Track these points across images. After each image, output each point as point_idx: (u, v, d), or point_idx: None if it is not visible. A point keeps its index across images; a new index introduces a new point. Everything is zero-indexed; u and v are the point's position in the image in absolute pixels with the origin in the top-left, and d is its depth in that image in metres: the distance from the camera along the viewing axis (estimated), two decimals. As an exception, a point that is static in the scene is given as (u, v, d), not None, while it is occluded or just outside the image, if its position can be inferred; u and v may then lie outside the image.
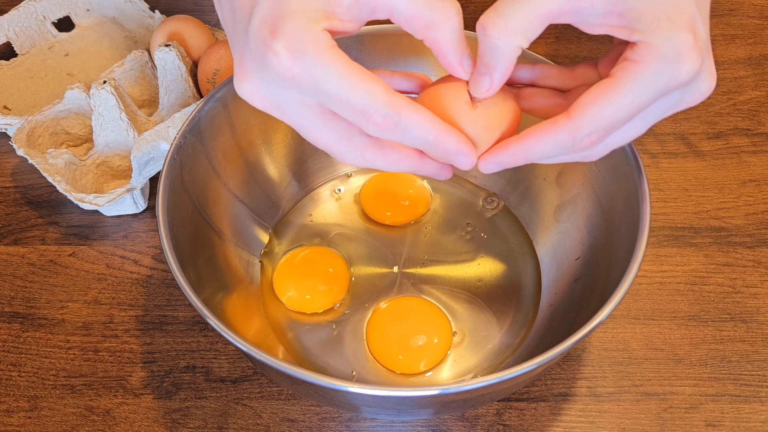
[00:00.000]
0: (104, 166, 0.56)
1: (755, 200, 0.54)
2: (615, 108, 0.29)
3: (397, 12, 0.28)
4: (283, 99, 0.30)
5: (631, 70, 0.28)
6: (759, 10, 0.69)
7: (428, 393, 0.32)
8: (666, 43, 0.28)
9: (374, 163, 0.31)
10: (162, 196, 0.40)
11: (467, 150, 0.30)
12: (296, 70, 0.28)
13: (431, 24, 0.29)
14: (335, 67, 0.28)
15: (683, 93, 0.30)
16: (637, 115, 0.29)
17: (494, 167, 0.32)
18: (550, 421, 0.44)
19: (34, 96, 0.62)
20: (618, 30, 0.29)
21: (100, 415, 0.44)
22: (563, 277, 0.46)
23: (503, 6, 0.28)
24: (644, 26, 0.28)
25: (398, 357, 0.44)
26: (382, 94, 0.28)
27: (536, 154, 0.31)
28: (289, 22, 0.27)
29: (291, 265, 0.49)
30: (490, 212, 0.52)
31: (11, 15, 0.64)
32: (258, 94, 0.30)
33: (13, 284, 0.51)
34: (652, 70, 0.28)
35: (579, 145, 0.30)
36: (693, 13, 0.28)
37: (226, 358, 0.47)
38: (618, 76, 0.29)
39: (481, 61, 0.30)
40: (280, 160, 0.51)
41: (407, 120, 0.29)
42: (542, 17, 0.28)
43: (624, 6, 0.28)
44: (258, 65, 0.29)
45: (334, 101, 0.28)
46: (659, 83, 0.28)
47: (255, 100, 0.30)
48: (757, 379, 0.45)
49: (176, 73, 0.57)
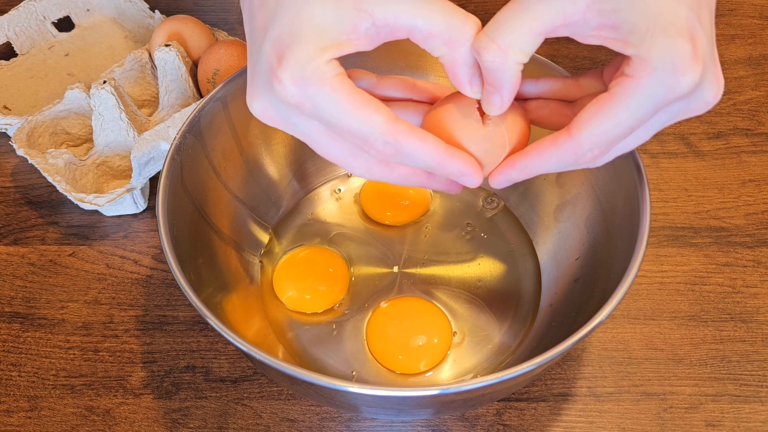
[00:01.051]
0: (104, 166, 0.56)
1: (755, 200, 0.54)
2: (613, 124, 0.29)
3: (416, 31, 0.28)
4: (291, 119, 0.31)
5: (626, 86, 0.28)
6: (759, 10, 0.69)
7: (428, 393, 0.32)
8: (661, 55, 0.27)
9: (382, 177, 0.32)
10: (162, 196, 0.40)
11: (471, 171, 0.31)
12: (299, 98, 0.28)
13: (450, 42, 0.29)
14: (337, 98, 0.28)
15: (687, 103, 0.29)
16: (637, 128, 0.29)
17: (505, 183, 0.33)
18: (550, 421, 0.44)
19: (34, 96, 0.62)
20: (612, 42, 0.28)
21: (100, 415, 0.44)
22: (563, 277, 0.46)
23: (492, 29, 0.28)
24: (638, 39, 0.27)
25: (398, 357, 0.44)
26: (382, 122, 0.29)
27: (542, 169, 0.31)
28: (296, 51, 0.28)
29: (291, 265, 0.49)
30: (490, 212, 0.52)
31: (11, 15, 0.64)
32: (268, 113, 0.31)
33: (13, 284, 0.51)
34: (647, 85, 0.28)
35: (582, 159, 0.30)
36: (690, 22, 0.27)
37: (226, 358, 0.47)
38: (614, 92, 0.28)
39: (487, 82, 0.30)
40: (280, 160, 0.51)
41: (407, 148, 0.29)
42: (535, 34, 0.28)
43: (617, 19, 0.27)
44: (265, 89, 0.30)
45: (336, 128, 0.29)
46: (657, 97, 0.28)
47: (265, 118, 0.31)
48: (757, 379, 0.45)
49: (176, 73, 0.57)
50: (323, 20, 0.28)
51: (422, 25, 0.28)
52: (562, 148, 0.30)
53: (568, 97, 0.34)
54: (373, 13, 0.28)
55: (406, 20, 0.28)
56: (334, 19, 0.28)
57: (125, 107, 0.55)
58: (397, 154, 0.29)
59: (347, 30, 0.28)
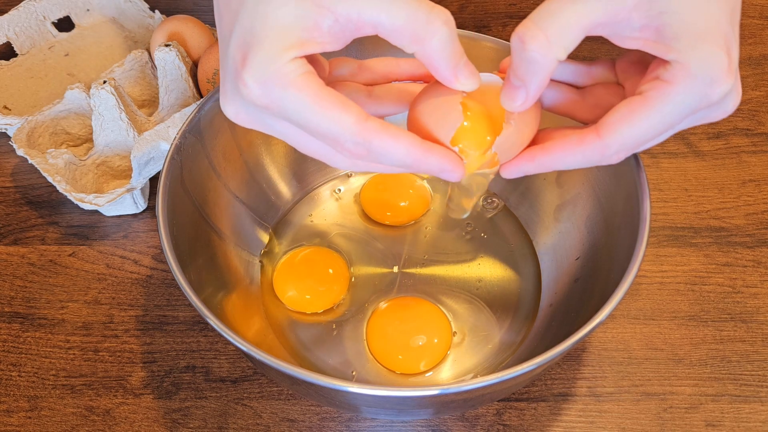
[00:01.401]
0: (104, 166, 0.56)
1: (755, 200, 0.54)
2: (646, 128, 0.28)
3: (381, 27, 0.27)
4: (265, 121, 0.30)
5: (663, 91, 0.28)
6: (759, 10, 0.69)
7: (428, 393, 0.32)
8: (701, 64, 0.27)
9: (369, 169, 0.31)
10: (162, 196, 0.40)
11: (451, 166, 0.30)
12: (265, 101, 0.28)
13: (416, 39, 0.28)
14: (302, 98, 0.27)
15: (710, 111, 0.29)
16: (666, 132, 0.29)
17: (517, 175, 0.32)
18: (550, 421, 0.44)
19: (34, 96, 0.62)
20: (652, 46, 0.28)
21: (100, 415, 0.44)
22: (563, 277, 0.46)
23: (541, 17, 0.27)
24: (681, 45, 0.27)
25: (398, 357, 0.44)
26: (351, 122, 0.28)
27: (561, 166, 0.31)
28: (258, 52, 0.27)
29: (291, 265, 0.49)
30: (490, 212, 0.52)
31: (11, 15, 0.64)
32: (240, 116, 0.30)
33: (13, 284, 0.51)
34: (685, 92, 0.28)
35: (606, 160, 0.30)
36: (727, 33, 0.28)
37: (226, 358, 0.47)
38: (649, 96, 0.28)
39: (515, 74, 0.29)
40: (280, 160, 0.51)
41: (380, 148, 0.28)
42: (582, 29, 0.27)
43: (661, 21, 0.27)
44: (233, 92, 0.29)
45: (306, 129, 0.28)
46: (691, 104, 0.28)
47: (240, 121, 0.31)
48: (757, 379, 0.45)
49: (176, 73, 0.57)
50: (284, 19, 0.27)
51: (386, 21, 0.27)
52: (589, 148, 0.29)
53: (578, 82, 0.34)
54: (335, 9, 0.27)
55: (370, 16, 0.27)
56: (295, 17, 0.27)
57: (125, 107, 0.55)
58: (370, 154, 0.28)
59: (309, 27, 0.27)
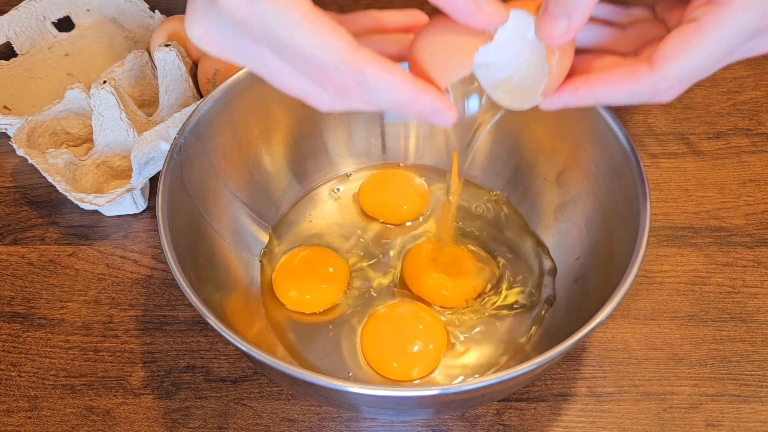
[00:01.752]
0: (104, 166, 0.56)
1: (755, 200, 0.54)
2: (702, 58, 0.27)
3: None
4: (237, 43, 0.26)
5: (718, 15, 0.26)
6: (759, 10, 0.69)
7: (428, 393, 0.32)
8: None
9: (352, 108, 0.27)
10: (162, 196, 0.40)
11: (443, 108, 0.27)
12: (245, 12, 0.24)
13: None
14: (289, 15, 0.24)
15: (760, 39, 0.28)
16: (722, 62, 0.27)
17: (558, 107, 0.30)
18: (550, 421, 0.44)
19: (34, 96, 0.62)
20: None
21: (100, 415, 0.44)
22: (563, 277, 0.46)
23: None
24: None
25: (392, 364, 0.44)
26: (342, 47, 0.24)
27: (606, 100, 0.29)
28: None
29: (291, 265, 0.49)
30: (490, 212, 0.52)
31: (11, 15, 0.64)
32: (208, 37, 0.27)
33: (13, 284, 0.51)
34: (744, 13, 0.26)
35: (658, 96, 0.28)
36: None
37: (226, 358, 0.47)
38: (705, 21, 0.26)
39: (556, 2, 0.26)
40: (280, 160, 0.51)
41: (373, 79, 0.25)
42: None
43: None
44: (208, 5, 0.26)
45: (287, 53, 0.25)
46: (749, 26, 0.26)
47: (207, 45, 0.27)
48: (757, 379, 0.45)
49: (176, 73, 0.57)
50: None
51: None
52: (641, 82, 0.27)
53: (615, 21, 0.32)
54: None
55: None
56: None
57: (125, 107, 0.55)
58: (359, 87, 0.25)
59: None
